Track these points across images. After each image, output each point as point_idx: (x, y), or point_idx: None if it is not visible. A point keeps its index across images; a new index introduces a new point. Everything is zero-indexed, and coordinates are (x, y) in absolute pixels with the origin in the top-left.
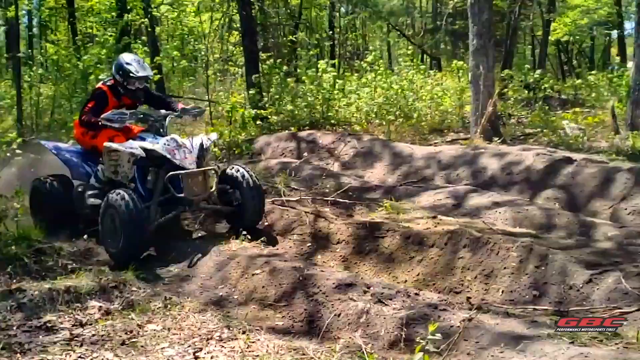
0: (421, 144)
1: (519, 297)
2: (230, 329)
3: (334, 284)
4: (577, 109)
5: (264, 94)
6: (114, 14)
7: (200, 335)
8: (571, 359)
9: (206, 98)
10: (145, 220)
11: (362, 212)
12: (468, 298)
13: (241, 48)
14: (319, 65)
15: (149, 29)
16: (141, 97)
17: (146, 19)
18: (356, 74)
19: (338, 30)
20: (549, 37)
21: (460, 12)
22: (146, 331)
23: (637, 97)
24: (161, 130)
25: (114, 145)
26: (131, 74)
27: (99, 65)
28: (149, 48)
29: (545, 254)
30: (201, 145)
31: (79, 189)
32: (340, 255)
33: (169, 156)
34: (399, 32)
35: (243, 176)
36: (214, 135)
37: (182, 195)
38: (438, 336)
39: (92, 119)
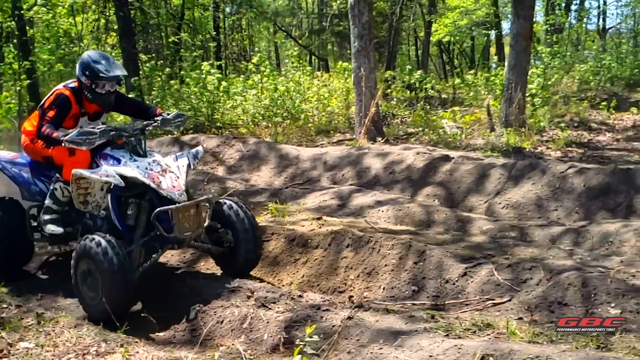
0: (308, 145)
1: (399, 293)
2: (108, 342)
3: (217, 290)
4: (456, 108)
5: (145, 97)
6: None
7: (75, 351)
8: (446, 351)
9: None
10: (129, 271)
11: None
12: (350, 297)
13: (120, 50)
14: (203, 67)
15: (17, 32)
16: (112, 102)
17: (13, 22)
18: (242, 76)
19: (223, 30)
20: (431, 38)
21: (344, 13)
22: (17, 349)
23: (510, 96)
24: (139, 147)
25: (85, 173)
26: (101, 74)
27: None
28: (19, 51)
29: (423, 250)
30: (188, 166)
31: (32, 212)
32: None
33: (153, 185)
34: (285, 33)
35: (237, 214)
36: (200, 150)
37: (172, 235)
38: (315, 338)
39: (53, 133)
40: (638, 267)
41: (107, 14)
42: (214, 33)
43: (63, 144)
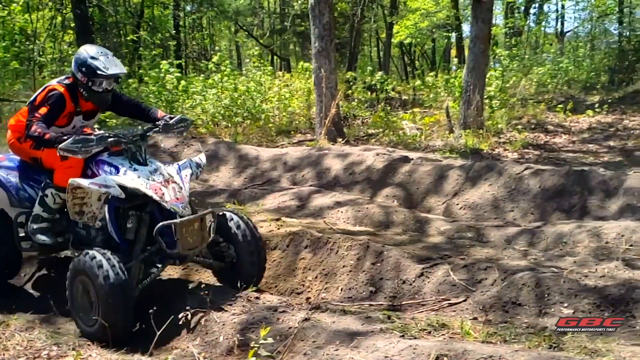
0: (268, 145)
1: (356, 294)
2: (60, 346)
3: (172, 292)
4: (416, 110)
5: None
6: None
7: (27, 355)
8: (401, 352)
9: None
10: (129, 289)
11: None
12: (308, 298)
13: (77, 48)
14: (162, 66)
15: None
16: (108, 100)
17: None
18: (202, 75)
19: (183, 29)
20: (392, 40)
21: (306, 13)
22: None
23: (468, 98)
24: (138, 154)
25: (83, 183)
26: (99, 72)
27: None
28: None
29: (381, 251)
30: (190, 176)
31: (20, 220)
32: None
33: (156, 197)
34: (246, 33)
35: (239, 227)
36: (203, 158)
37: (174, 250)
38: (270, 340)
39: (45, 134)
40: (591, 268)
41: (64, 11)
42: (174, 32)
43: (58, 152)
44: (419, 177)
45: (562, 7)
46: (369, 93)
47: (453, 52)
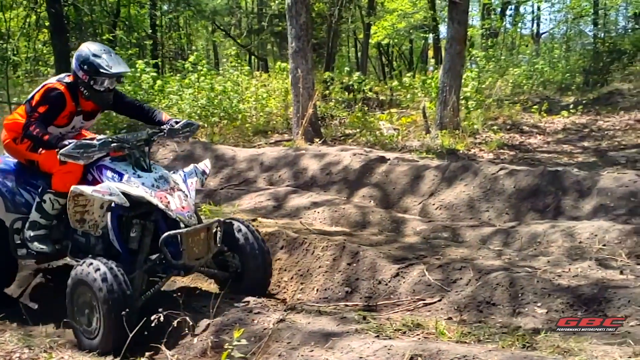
0: (245, 146)
1: (332, 295)
2: (32, 348)
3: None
4: (393, 110)
5: None
6: None
7: None
8: (376, 352)
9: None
10: (132, 300)
11: None
12: (283, 299)
13: (52, 47)
14: (138, 65)
15: None
16: (110, 100)
17: None
18: (179, 75)
19: (160, 29)
20: (370, 40)
21: (283, 13)
22: None
23: (445, 98)
24: (142, 160)
25: (86, 190)
26: (102, 70)
27: None
28: None
29: (357, 251)
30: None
31: (16, 226)
32: None
33: (161, 206)
34: (224, 32)
35: (246, 237)
36: (208, 165)
37: (180, 261)
38: (244, 342)
39: (43, 135)
40: (564, 267)
41: (39, 10)
42: (150, 31)
43: (58, 157)
44: (395, 177)
45: (538, 8)
46: (347, 93)
47: (430, 53)
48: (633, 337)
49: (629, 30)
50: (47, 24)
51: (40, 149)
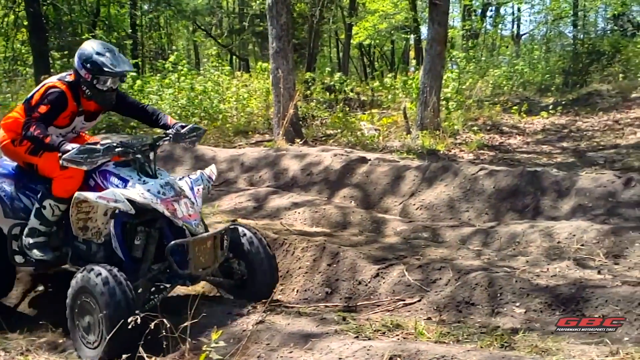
0: (225, 146)
1: (312, 296)
2: (8, 351)
3: None
4: (375, 111)
5: None
6: None
7: None
8: (355, 353)
9: None
10: (136, 307)
11: None
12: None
13: (30, 47)
14: None
15: None
16: (113, 100)
17: None
18: (159, 75)
19: (140, 28)
20: (352, 41)
21: (264, 13)
22: None
23: (425, 99)
24: (147, 166)
25: (90, 197)
26: (106, 69)
27: None
28: None
29: (337, 252)
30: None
31: (14, 232)
32: None
33: (168, 214)
34: (205, 32)
35: (251, 243)
36: (214, 171)
37: (186, 271)
38: (222, 343)
39: (45, 137)
40: (543, 267)
41: (17, 9)
42: (130, 31)
43: (60, 163)
44: (376, 177)
45: (519, 10)
46: (328, 94)
47: (412, 53)
48: (610, 337)
49: (608, 32)
50: (25, 23)
51: (40, 152)
